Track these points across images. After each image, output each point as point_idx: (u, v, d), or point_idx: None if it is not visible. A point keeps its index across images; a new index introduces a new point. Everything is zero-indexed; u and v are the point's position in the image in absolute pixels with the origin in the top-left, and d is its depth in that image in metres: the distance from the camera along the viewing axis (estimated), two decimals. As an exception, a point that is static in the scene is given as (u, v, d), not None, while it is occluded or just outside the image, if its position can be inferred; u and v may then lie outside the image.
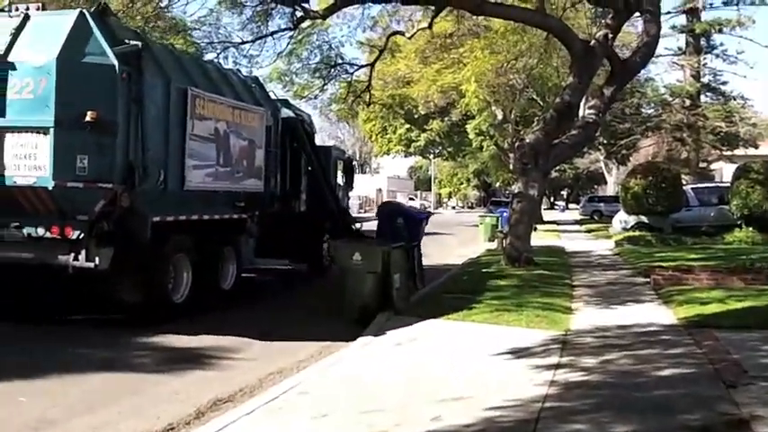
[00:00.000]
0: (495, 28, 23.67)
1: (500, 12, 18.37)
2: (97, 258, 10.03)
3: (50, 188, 9.71)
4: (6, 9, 10.69)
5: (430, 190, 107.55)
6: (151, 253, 10.86)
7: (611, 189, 61.08)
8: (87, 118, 9.68)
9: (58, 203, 9.94)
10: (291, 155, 16.35)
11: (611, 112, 35.02)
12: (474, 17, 24.50)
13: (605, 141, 50.42)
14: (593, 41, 17.87)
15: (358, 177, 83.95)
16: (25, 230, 10.11)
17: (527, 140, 18.67)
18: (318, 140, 24.64)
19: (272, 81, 22.90)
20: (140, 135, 10.41)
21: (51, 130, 9.65)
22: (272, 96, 16.23)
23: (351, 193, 22.94)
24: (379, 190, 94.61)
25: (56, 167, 9.67)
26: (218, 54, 19.44)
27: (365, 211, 75.93)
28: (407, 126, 50.31)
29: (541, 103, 39.14)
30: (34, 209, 10.10)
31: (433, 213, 20.57)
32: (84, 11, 10.40)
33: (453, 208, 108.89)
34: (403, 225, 14.36)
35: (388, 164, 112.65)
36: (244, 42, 19.61)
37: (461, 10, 20.06)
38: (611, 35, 17.79)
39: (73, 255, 10.05)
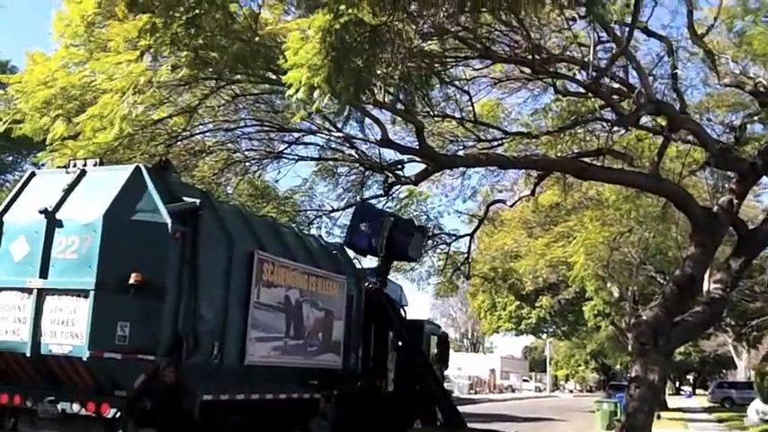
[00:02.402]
0: (606, 196, 22.21)
1: (609, 176, 16.94)
2: (134, 442, 8.74)
3: (85, 359, 8.61)
4: (66, 166, 10.07)
5: (545, 371, 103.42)
6: (200, 438, 9.49)
7: (741, 374, 56.81)
8: (131, 281, 8.68)
9: (94, 376, 8.82)
10: (377, 328, 14.97)
11: (739, 290, 32.38)
12: (581, 188, 23.27)
13: (733, 323, 47.03)
14: (716, 208, 16.12)
15: (470, 357, 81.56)
16: (60, 406, 8.98)
17: (644, 317, 16.66)
18: (435, 319, 23.45)
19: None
20: (193, 301, 9.28)
21: (91, 294, 8.68)
22: (358, 265, 15.10)
23: (446, 373, 21.36)
24: (492, 370, 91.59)
25: (92, 335, 8.63)
26: (310, 222, 18.68)
27: (475, 393, 73.00)
28: (517, 303, 48.45)
29: (661, 281, 36.84)
30: (71, 381, 9.04)
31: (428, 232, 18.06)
32: (141, 166, 9.65)
33: (571, 391, 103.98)
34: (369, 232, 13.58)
35: (501, 343, 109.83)
36: (334, 210, 18.84)
37: (567, 175, 18.76)
38: (735, 201, 16.01)
39: (108, 436, 8.81)
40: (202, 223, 9.49)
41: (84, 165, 9.85)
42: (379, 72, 9.00)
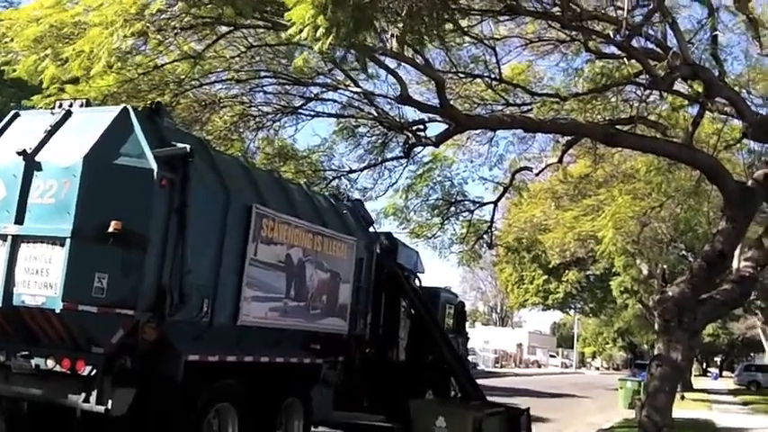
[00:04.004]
0: (637, 167, 21.29)
1: (640, 144, 16.04)
2: (110, 401, 8.14)
3: (58, 311, 8.02)
4: (52, 107, 9.47)
5: (573, 348, 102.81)
6: (184, 399, 8.89)
7: (769, 357, 55.79)
8: (110, 228, 8.05)
9: (69, 330, 8.23)
10: (389, 295, 14.33)
11: (770, 270, 31.32)
12: (613, 160, 22.40)
13: (763, 305, 45.86)
14: (750, 181, 15.23)
15: (498, 330, 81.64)
16: (34, 361, 8.40)
17: (670, 294, 15.87)
18: (459, 291, 22.69)
19: (387, 217, 21.13)
20: (180, 255, 8.62)
21: (67, 241, 8.05)
22: (370, 228, 14.42)
23: (471, 345, 20.65)
24: (519, 345, 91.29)
25: (67, 286, 7.99)
26: (327, 184, 17.98)
27: (501, 366, 72.51)
28: (545, 276, 47.57)
29: (692, 260, 35.78)
30: (45, 335, 8.45)
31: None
32: (129, 107, 8.99)
33: (597, 369, 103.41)
34: None
35: (530, 318, 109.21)
36: (352, 171, 18.12)
37: (597, 144, 17.90)
38: (772, 175, 15.07)
39: (84, 395, 8.25)
40: (193, 171, 8.76)
41: (71, 105, 9.21)
42: (383, 6, 8.18)
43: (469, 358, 28.38)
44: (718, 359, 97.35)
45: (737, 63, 18.55)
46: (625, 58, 14.69)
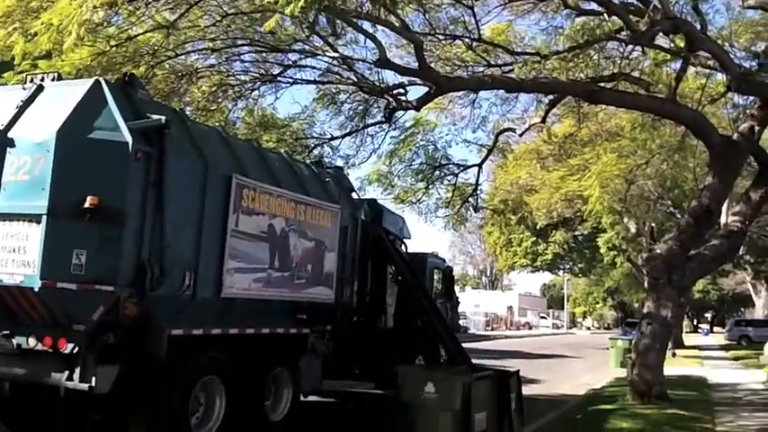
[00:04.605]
0: (622, 125, 21.18)
1: (623, 101, 15.96)
2: (94, 378, 8.06)
3: (36, 289, 7.89)
4: (24, 81, 9.24)
5: (563, 309, 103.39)
6: (169, 375, 8.81)
7: (759, 312, 56.05)
8: (86, 204, 7.90)
9: (49, 308, 8.10)
10: (375, 262, 14.22)
11: (759, 224, 31.44)
12: (598, 119, 22.26)
13: (752, 260, 46.10)
14: (735, 135, 15.17)
15: (488, 294, 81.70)
16: (15, 340, 8.29)
17: (658, 251, 15.88)
18: (448, 256, 22.49)
19: (371, 183, 20.96)
20: (159, 228, 8.49)
21: (44, 218, 7.90)
22: (354, 195, 14.28)
23: (462, 309, 20.56)
24: (510, 307, 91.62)
25: (45, 264, 7.86)
26: (309, 152, 17.79)
27: (492, 329, 72.91)
28: (533, 238, 47.55)
29: (679, 217, 35.81)
30: (26, 314, 8.32)
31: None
32: (101, 80, 8.78)
33: (588, 329, 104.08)
34: None
35: (521, 280, 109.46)
36: (334, 138, 17.92)
37: (581, 103, 17.76)
38: (757, 128, 15.02)
39: (67, 373, 8.14)
40: (169, 143, 8.59)
41: (42, 80, 8.99)
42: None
43: (460, 322, 28.37)
44: (708, 315, 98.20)
45: (719, 16, 18.53)
46: (605, 14, 14.54)
